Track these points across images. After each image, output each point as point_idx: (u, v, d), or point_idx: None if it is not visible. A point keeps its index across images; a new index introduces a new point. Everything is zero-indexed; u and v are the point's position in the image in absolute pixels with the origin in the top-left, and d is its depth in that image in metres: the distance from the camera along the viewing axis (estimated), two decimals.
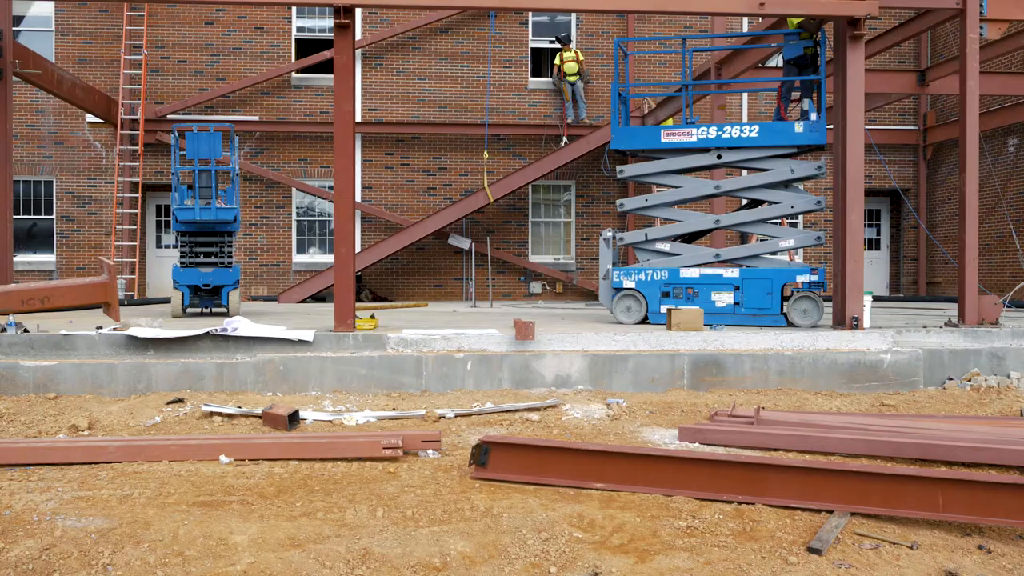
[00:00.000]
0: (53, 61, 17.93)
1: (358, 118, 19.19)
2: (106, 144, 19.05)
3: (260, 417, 8.10)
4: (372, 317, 10.39)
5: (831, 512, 5.60)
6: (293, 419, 7.93)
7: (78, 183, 19.11)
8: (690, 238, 11.90)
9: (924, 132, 19.82)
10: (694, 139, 11.03)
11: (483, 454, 6.43)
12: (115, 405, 8.83)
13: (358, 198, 19.26)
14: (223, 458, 6.79)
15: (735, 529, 5.31)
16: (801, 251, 16.77)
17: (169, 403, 8.77)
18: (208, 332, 9.28)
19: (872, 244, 20.49)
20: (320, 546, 5.07)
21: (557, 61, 19.14)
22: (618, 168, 11.57)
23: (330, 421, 8.20)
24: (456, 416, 8.31)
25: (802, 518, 5.52)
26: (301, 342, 9.42)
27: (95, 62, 19.07)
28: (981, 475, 5.75)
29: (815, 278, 10.66)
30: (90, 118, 18.74)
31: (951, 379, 9.68)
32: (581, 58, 19.00)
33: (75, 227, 19.06)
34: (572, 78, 18.91)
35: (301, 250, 19.65)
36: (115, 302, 3.20)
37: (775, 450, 7.17)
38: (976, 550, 5.03)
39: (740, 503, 5.71)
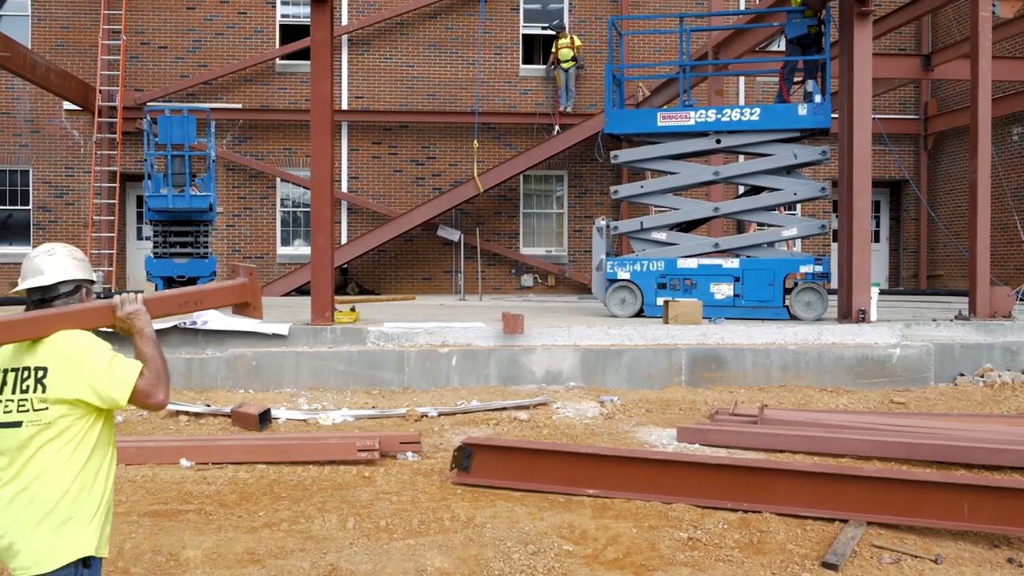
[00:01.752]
0: (30, 47, 17.31)
1: (344, 106, 18.64)
2: (84, 133, 18.44)
3: (229, 416, 7.58)
4: (352, 310, 9.87)
5: (846, 521, 5.18)
6: (264, 418, 7.43)
7: (55, 173, 18.51)
8: (688, 227, 11.40)
9: (925, 121, 19.33)
10: (692, 123, 10.50)
11: (466, 457, 5.94)
12: None
13: (344, 189, 18.72)
14: (184, 462, 6.28)
15: (741, 541, 4.89)
16: (799, 242, 16.23)
17: None
18: (176, 325, 8.75)
19: (871, 236, 20.02)
20: (282, 562, 4.61)
21: (554, 49, 18.60)
22: (612, 153, 11.06)
23: (304, 420, 7.72)
24: (439, 415, 7.86)
25: (814, 528, 5.10)
26: (276, 336, 8.90)
27: (73, 48, 18.46)
28: (1010, 481, 5.29)
29: (819, 268, 10.15)
30: (68, 106, 18.12)
31: (963, 375, 9.22)
32: (577, 43, 18.42)
33: (52, 218, 18.46)
34: (567, 64, 18.36)
35: (286, 242, 19.10)
36: (257, 302, 2.96)
37: (781, 452, 6.74)
38: (1006, 564, 4.67)
39: (746, 511, 5.29)
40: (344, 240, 18.39)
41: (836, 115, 10.23)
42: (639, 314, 10.85)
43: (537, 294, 18.72)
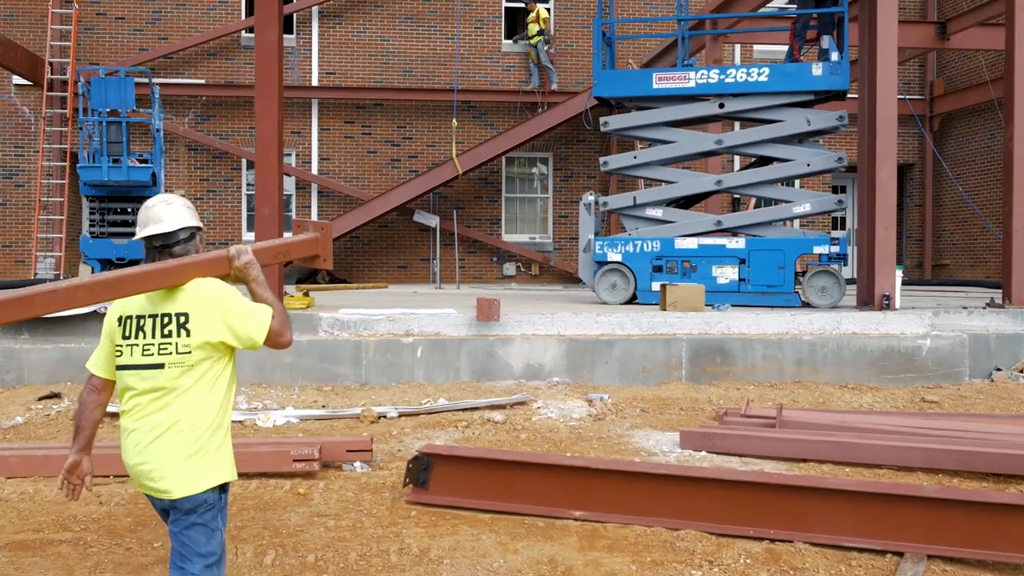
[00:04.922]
0: None
1: (314, 82, 17.45)
2: (35, 109, 17.14)
3: None
4: (306, 295, 8.68)
5: (900, 554, 4.09)
6: None
7: (4, 152, 17.20)
8: (686, 203, 10.31)
9: (931, 102, 18.29)
10: (692, 84, 9.35)
11: (423, 470, 4.80)
12: None
13: (314, 171, 17.54)
14: None
15: None
16: (796, 222, 15.06)
17: (41, 399, 7.13)
18: (96, 311, 7.53)
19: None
20: None
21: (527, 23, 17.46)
22: (602, 120, 9.89)
23: (241, 422, 6.63)
24: (400, 415, 6.77)
25: (861, 563, 4.05)
26: None
27: (23, 18, 17.16)
28: None
29: (836, 249, 9.01)
30: (17, 80, 16.82)
31: (999, 369, 8.15)
32: (543, 16, 17.17)
33: (1, 200, 17.16)
34: (534, 40, 17.16)
35: (252, 227, 17.85)
36: (327, 254, 3.25)
37: (804, 461, 5.65)
38: None
39: (773, 540, 4.23)
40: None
41: (856, 96, 9.04)
42: (632, 301, 9.76)
43: (520, 283, 17.60)
